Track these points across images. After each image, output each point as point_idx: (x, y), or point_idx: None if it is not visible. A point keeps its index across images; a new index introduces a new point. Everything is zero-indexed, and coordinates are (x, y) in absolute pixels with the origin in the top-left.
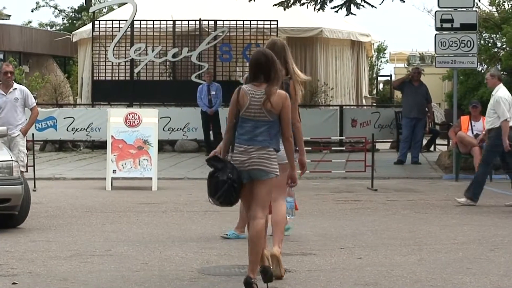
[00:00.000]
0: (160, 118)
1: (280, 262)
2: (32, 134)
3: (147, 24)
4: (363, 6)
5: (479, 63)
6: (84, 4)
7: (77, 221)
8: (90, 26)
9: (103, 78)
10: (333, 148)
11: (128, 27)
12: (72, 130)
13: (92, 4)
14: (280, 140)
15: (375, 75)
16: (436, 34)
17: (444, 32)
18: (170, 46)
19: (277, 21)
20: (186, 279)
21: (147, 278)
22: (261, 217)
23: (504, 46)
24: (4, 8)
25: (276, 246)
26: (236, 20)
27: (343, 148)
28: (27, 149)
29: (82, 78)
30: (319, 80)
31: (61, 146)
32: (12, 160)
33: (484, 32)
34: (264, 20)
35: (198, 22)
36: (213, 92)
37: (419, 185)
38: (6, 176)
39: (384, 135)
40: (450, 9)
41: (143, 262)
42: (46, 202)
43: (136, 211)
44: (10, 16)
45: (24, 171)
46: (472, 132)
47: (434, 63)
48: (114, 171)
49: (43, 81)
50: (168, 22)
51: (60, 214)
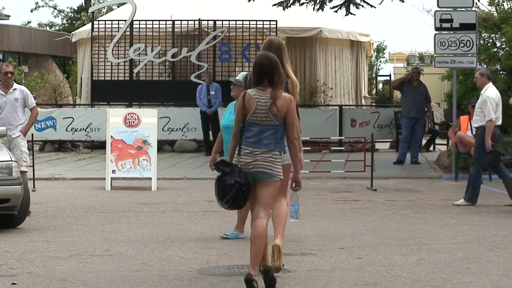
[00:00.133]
0: (160, 118)
1: (281, 253)
2: (32, 134)
3: (146, 24)
4: (362, 6)
5: (478, 63)
6: (84, 4)
7: (76, 221)
8: (89, 26)
9: (103, 78)
10: (332, 148)
11: (128, 27)
12: (71, 130)
13: (92, 4)
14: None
15: (374, 75)
16: (435, 34)
17: (443, 32)
18: (169, 46)
19: (276, 21)
20: (185, 279)
21: (146, 278)
22: (263, 217)
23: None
24: (3, 8)
25: (277, 239)
26: (236, 20)
27: (343, 148)
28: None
29: (81, 78)
30: (319, 80)
31: (60, 146)
32: (11, 161)
33: (483, 32)
34: (263, 20)
35: (197, 22)
36: (212, 92)
37: (419, 185)
38: (5, 177)
39: (383, 135)
40: (449, 9)
41: (143, 262)
42: (45, 202)
43: (135, 211)
44: (10, 16)
45: (27, 172)
46: (472, 132)
47: (433, 63)
48: (114, 171)
49: (43, 81)
50: (168, 22)
51: (60, 214)
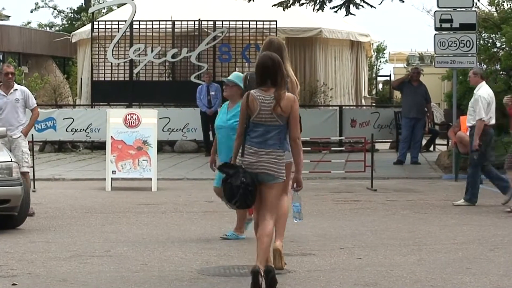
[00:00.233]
0: (160, 118)
1: (282, 255)
2: (32, 135)
3: (146, 24)
4: (362, 6)
5: (478, 63)
6: (83, 5)
7: (76, 222)
8: (89, 26)
9: (103, 79)
10: (332, 148)
11: (128, 27)
12: (71, 130)
13: (92, 5)
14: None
15: (374, 75)
16: (435, 34)
17: (443, 32)
18: (169, 47)
19: (276, 21)
20: (185, 280)
21: (146, 279)
22: (269, 219)
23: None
24: (3, 8)
25: (278, 241)
26: (236, 21)
27: (343, 148)
28: None
29: (81, 78)
30: (319, 80)
31: (60, 147)
32: (11, 161)
33: (483, 32)
34: (263, 21)
35: (197, 23)
36: (212, 93)
37: (419, 185)
38: (5, 177)
39: (383, 135)
40: (449, 9)
41: (143, 263)
42: (45, 203)
43: (135, 212)
44: (10, 16)
45: (28, 172)
46: None
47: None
48: (114, 172)
49: (43, 81)
50: (168, 23)
51: (60, 215)
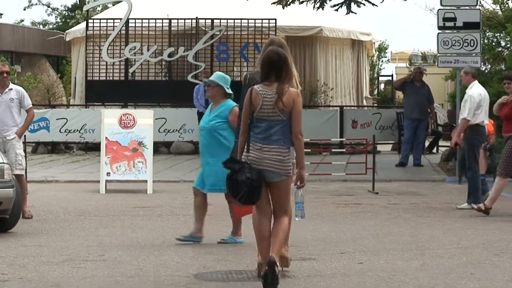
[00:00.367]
0: (156, 119)
1: (288, 261)
2: (24, 136)
3: (142, 22)
4: (363, 4)
5: (482, 63)
6: (78, 2)
7: (69, 225)
8: (83, 25)
9: (97, 78)
10: (333, 150)
11: (123, 25)
12: (65, 131)
13: (86, 2)
14: None
15: (376, 75)
16: (438, 33)
17: (446, 31)
18: (165, 45)
19: (275, 19)
20: (182, 285)
21: (142, 284)
22: (283, 216)
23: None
24: None
25: (284, 247)
26: (234, 19)
27: (344, 150)
28: None
29: (75, 78)
30: (319, 80)
31: (53, 148)
32: (3, 163)
33: (487, 31)
34: (262, 19)
35: (194, 21)
36: None
37: (422, 188)
38: None
39: (385, 136)
40: (453, 7)
41: (138, 268)
42: (38, 206)
43: (130, 215)
44: (2, 14)
45: (23, 175)
46: None
47: (436, 63)
48: (108, 174)
49: (36, 81)
50: (164, 21)
51: (52, 218)
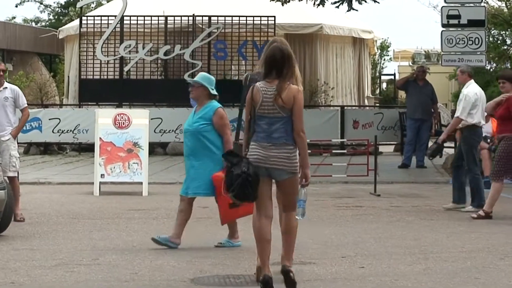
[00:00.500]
0: (151, 119)
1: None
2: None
3: (137, 20)
4: (365, 1)
5: (487, 61)
6: None
7: (62, 228)
8: (77, 22)
9: (91, 77)
10: (333, 151)
11: (118, 23)
12: (58, 132)
13: None
14: None
15: (378, 74)
16: (442, 31)
17: (450, 29)
18: (161, 43)
19: (274, 17)
20: None
21: None
22: (293, 212)
23: None
24: None
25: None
26: (232, 16)
27: (344, 151)
28: None
29: (68, 77)
30: (319, 79)
31: (46, 149)
32: None
33: (493, 28)
34: (261, 16)
35: (191, 18)
36: None
37: (425, 190)
38: None
39: (387, 137)
40: (457, 4)
41: (133, 272)
42: (30, 208)
43: (125, 218)
44: None
45: (16, 177)
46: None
47: (440, 61)
48: (102, 176)
49: (28, 80)
50: (160, 18)
51: (45, 221)
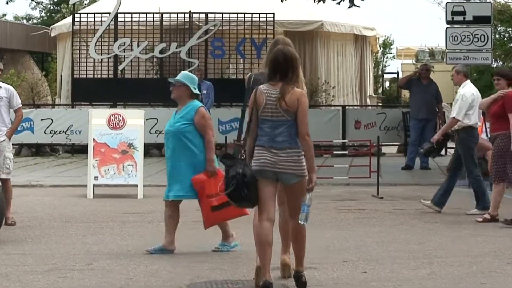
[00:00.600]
0: (146, 119)
1: (291, 268)
2: None
3: (132, 17)
4: None
5: (493, 59)
6: None
7: (55, 232)
8: (70, 19)
9: (84, 76)
10: (335, 152)
11: (112, 20)
12: (50, 132)
13: None
14: None
15: (380, 72)
16: (447, 28)
17: (455, 26)
18: (157, 41)
19: (273, 13)
20: None
21: None
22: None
23: None
24: None
25: (284, 255)
26: (229, 13)
27: (346, 152)
28: None
29: (61, 76)
30: (320, 78)
31: (38, 150)
32: None
33: (499, 25)
34: (259, 13)
35: (187, 15)
36: (204, 91)
37: (429, 192)
38: None
39: (390, 137)
40: (462, 0)
41: (128, 277)
42: (21, 212)
43: (120, 221)
44: None
45: (9, 179)
46: (487, 135)
47: (445, 59)
48: (96, 178)
49: (19, 79)
50: (155, 15)
51: (37, 224)
